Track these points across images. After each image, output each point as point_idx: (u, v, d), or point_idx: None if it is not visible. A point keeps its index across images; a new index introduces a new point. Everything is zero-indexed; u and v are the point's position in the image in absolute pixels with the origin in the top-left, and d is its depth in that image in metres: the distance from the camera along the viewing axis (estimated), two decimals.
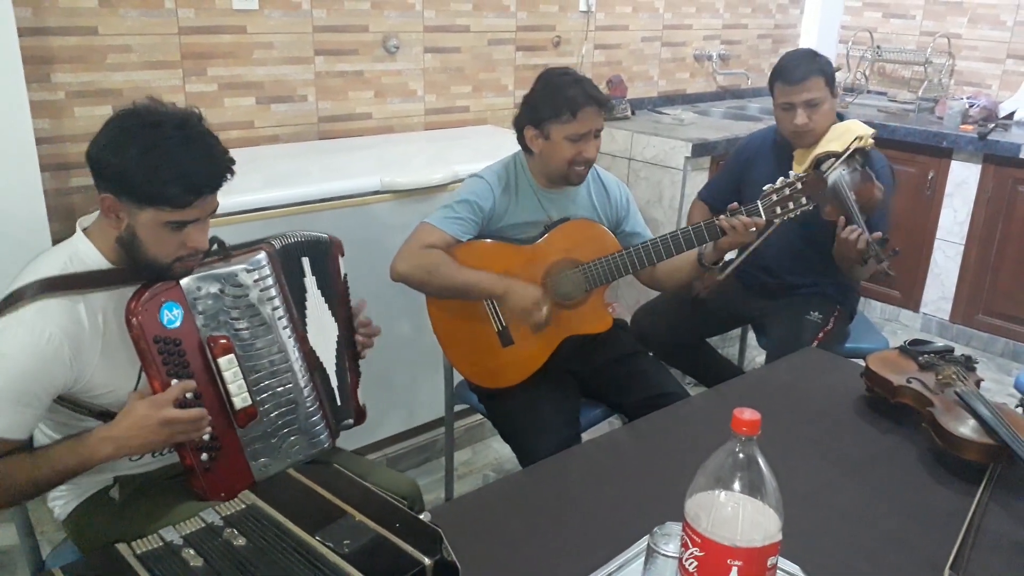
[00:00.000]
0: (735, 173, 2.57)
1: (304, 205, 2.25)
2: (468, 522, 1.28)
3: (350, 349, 1.65)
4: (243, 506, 1.17)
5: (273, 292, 1.46)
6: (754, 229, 1.89)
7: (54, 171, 2.34)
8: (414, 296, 2.00)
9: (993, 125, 3.67)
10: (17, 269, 1.37)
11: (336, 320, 1.61)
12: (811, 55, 2.34)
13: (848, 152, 2.15)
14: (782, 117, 2.34)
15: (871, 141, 2.19)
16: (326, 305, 1.59)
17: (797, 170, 2.28)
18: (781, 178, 1.89)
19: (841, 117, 2.35)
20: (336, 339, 1.61)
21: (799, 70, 2.27)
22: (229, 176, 1.35)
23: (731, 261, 2.05)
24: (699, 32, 4.13)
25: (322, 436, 1.55)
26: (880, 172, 2.26)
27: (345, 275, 1.65)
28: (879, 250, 2.10)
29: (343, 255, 1.64)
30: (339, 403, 1.62)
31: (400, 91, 3.05)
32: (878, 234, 2.12)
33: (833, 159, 2.15)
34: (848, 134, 2.22)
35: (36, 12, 2.24)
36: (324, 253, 1.60)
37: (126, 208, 1.31)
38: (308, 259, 1.56)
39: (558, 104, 1.89)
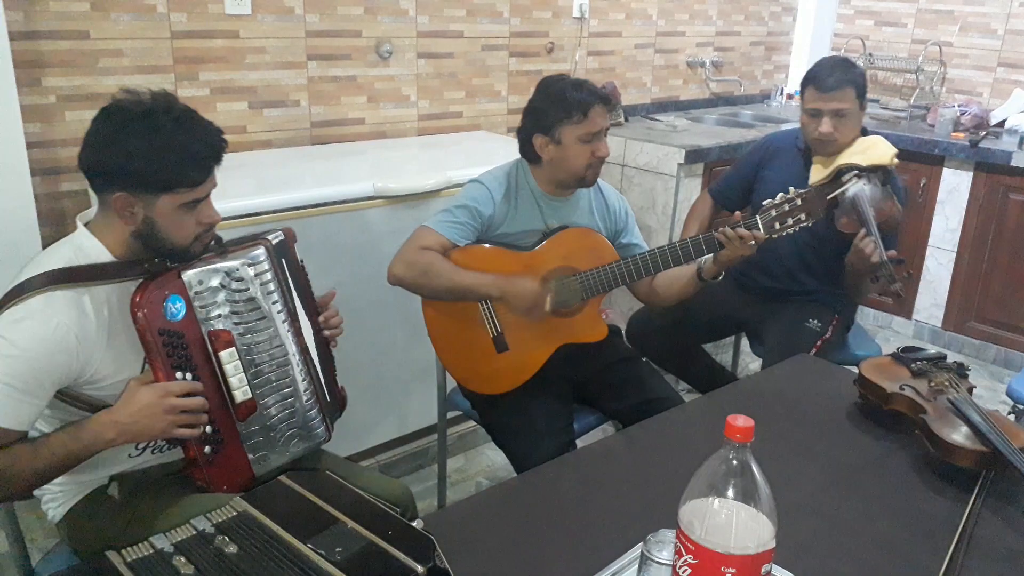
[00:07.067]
0: (748, 170, 2.55)
1: (297, 210, 2.24)
2: (461, 529, 1.28)
3: (321, 337, 1.65)
4: (234, 513, 1.17)
5: (272, 287, 1.47)
6: (753, 242, 1.85)
7: (44, 175, 2.33)
8: (408, 302, 1.99)
9: (984, 133, 3.69)
10: (8, 273, 1.37)
11: (307, 311, 1.61)
12: (847, 64, 2.31)
13: (870, 168, 2.15)
14: (807, 123, 2.31)
15: (896, 161, 2.19)
16: (299, 299, 1.59)
17: (815, 178, 2.27)
18: (781, 194, 1.85)
19: (865, 131, 2.34)
20: (312, 331, 1.61)
21: (832, 78, 2.25)
22: (226, 145, 1.40)
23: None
24: (692, 39, 4.15)
25: (319, 430, 1.57)
26: (898, 193, 2.26)
27: (302, 261, 1.63)
28: (892, 269, 2.09)
29: (296, 241, 1.62)
30: (328, 398, 1.62)
31: (393, 96, 3.05)
32: (893, 252, 2.11)
33: (855, 172, 2.15)
34: (873, 149, 2.22)
35: (27, 16, 2.23)
36: (287, 248, 1.59)
37: (141, 201, 1.34)
38: (283, 258, 1.56)
39: (568, 106, 1.88)
